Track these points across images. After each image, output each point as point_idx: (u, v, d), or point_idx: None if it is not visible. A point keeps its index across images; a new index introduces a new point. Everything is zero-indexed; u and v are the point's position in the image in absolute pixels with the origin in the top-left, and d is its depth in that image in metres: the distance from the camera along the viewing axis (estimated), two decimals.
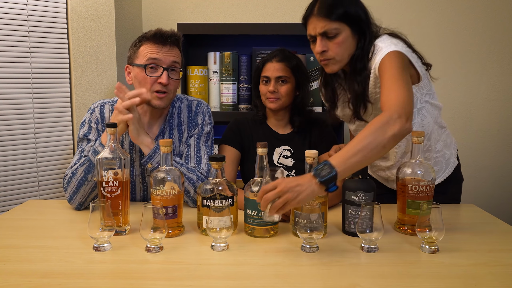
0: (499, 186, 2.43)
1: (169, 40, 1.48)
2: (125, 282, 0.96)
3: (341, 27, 1.34)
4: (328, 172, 1.06)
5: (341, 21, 1.33)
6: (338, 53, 1.36)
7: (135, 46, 1.52)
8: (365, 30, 1.36)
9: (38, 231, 1.27)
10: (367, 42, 1.36)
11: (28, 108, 1.95)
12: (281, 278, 0.99)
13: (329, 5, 1.33)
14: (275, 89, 1.64)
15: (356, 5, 1.37)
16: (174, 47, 1.51)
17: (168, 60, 1.48)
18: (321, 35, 1.35)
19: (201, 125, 1.61)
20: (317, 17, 1.34)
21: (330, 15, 1.32)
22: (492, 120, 2.40)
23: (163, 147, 1.19)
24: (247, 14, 2.36)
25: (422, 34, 2.34)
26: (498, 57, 2.36)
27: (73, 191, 1.41)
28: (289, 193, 1.04)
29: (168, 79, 1.48)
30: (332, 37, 1.34)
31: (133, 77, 1.53)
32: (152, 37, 1.48)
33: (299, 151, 1.70)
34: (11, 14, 1.87)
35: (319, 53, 1.38)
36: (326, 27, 1.33)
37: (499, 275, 1.00)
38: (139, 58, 1.49)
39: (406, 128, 1.14)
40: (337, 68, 1.40)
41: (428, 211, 1.12)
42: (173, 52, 1.50)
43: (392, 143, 1.14)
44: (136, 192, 1.58)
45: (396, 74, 1.24)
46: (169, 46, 1.49)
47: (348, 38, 1.36)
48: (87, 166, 1.39)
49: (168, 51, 1.49)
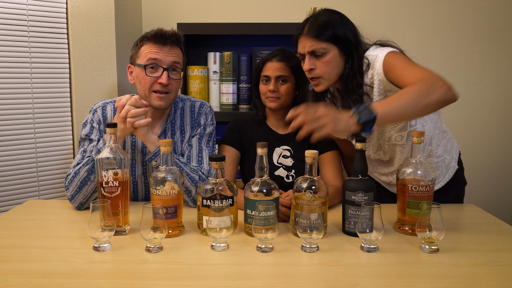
0: (499, 186, 2.43)
1: (169, 40, 1.48)
2: (125, 282, 0.96)
3: (328, 47, 1.38)
4: (367, 114, 1.10)
5: (329, 41, 1.37)
6: (325, 72, 1.39)
7: (136, 46, 1.52)
8: (353, 51, 1.39)
9: (38, 231, 1.27)
10: (355, 62, 1.39)
11: (28, 108, 1.95)
12: (281, 278, 0.99)
13: (318, 26, 1.38)
14: (275, 89, 1.64)
15: (346, 26, 1.40)
16: (174, 47, 1.51)
17: (168, 60, 1.48)
18: (309, 53, 1.40)
19: (204, 126, 1.61)
20: (306, 37, 1.39)
21: (319, 36, 1.37)
22: (492, 120, 2.40)
23: (163, 147, 1.19)
24: (247, 14, 2.36)
25: (422, 34, 2.34)
26: (498, 57, 2.36)
27: (75, 190, 1.41)
28: (328, 117, 1.08)
29: (169, 79, 1.48)
30: (320, 56, 1.39)
31: (134, 77, 1.53)
32: (153, 37, 1.48)
33: (298, 151, 1.70)
34: (11, 14, 1.87)
35: (307, 71, 1.42)
36: (314, 46, 1.38)
37: (499, 275, 1.00)
38: (140, 58, 1.49)
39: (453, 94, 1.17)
40: (325, 87, 1.44)
41: (428, 211, 1.12)
42: (173, 52, 1.50)
43: (435, 106, 1.17)
44: (138, 192, 1.58)
45: (408, 62, 1.28)
46: (169, 46, 1.49)
47: (336, 58, 1.39)
48: (91, 166, 1.39)
49: (169, 51, 1.49)
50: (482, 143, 2.40)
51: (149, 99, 1.50)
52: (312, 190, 1.18)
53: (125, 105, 1.37)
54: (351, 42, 1.39)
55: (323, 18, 1.40)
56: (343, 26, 1.39)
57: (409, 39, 2.34)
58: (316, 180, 1.19)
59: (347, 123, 1.11)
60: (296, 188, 1.20)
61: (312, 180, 1.18)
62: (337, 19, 1.40)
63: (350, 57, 1.40)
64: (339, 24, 1.39)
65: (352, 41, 1.40)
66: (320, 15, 1.42)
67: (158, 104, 1.49)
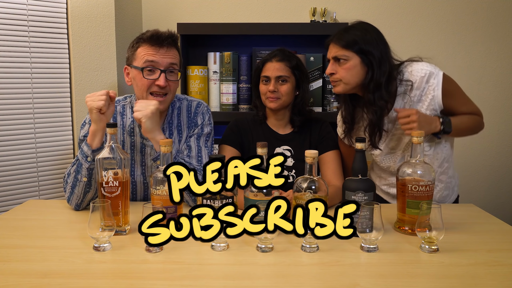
0: (499, 186, 2.43)
1: (166, 42, 1.47)
2: (125, 282, 0.96)
3: (351, 55, 1.46)
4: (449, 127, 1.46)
5: (352, 51, 1.46)
6: (344, 77, 1.47)
7: (132, 48, 1.51)
8: (375, 63, 1.46)
9: (38, 231, 1.27)
10: (377, 75, 1.46)
11: (28, 108, 1.95)
12: (281, 278, 0.99)
13: (346, 35, 1.48)
14: (275, 89, 1.64)
15: (373, 40, 1.47)
16: (171, 48, 1.50)
17: (165, 62, 1.47)
18: (333, 59, 1.50)
19: (201, 125, 1.61)
20: (334, 44, 1.50)
21: (344, 44, 1.46)
22: (492, 120, 2.40)
23: (163, 147, 1.19)
24: (247, 14, 2.36)
25: (422, 34, 2.34)
26: (498, 57, 2.36)
27: (69, 192, 1.42)
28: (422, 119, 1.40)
29: (166, 81, 1.48)
30: (341, 62, 1.47)
31: (131, 78, 1.53)
32: (149, 39, 1.47)
33: (299, 151, 1.70)
34: (11, 14, 1.87)
35: (328, 74, 1.52)
36: (337, 52, 1.48)
37: (499, 275, 1.00)
38: (137, 60, 1.49)
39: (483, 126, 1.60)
40: (342, 90, 1.50)
41: (428, 211, 1.12)
42: (170, 54, 1.49)
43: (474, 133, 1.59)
44: (137, 192, 1.58)
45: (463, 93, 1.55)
46: (166, 47, 1.48)
47: (356, 66, 1.47)
48: (77, 166, 1.39)
49: (165, 52, 1.48)
50: (482, 143, 2.40)
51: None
52: (312, 190, 1.18)
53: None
54: (374, 55, 1.46)
55: (353, 29, 1.49)
56: (369, 40, 1.46)
57: (409, 39, 2.34)
58: (316, 180, 1.19)
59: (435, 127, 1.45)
60: (296, 188, 1.20)
61: (312, 180, 1.18)
62: (365, 32, 1.48)
63: (371, 69, 1.46)
64: (366, 37, 1.46)
65: (376, 54, 1.46)
66: (351, 27, 1.51)
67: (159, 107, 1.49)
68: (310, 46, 2.32)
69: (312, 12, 2.26)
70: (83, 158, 1.36)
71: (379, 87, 1.46)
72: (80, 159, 1.37)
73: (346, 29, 1.51)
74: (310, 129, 1.73)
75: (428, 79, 1.48)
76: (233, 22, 2.33)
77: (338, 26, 2.13)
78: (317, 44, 2.32)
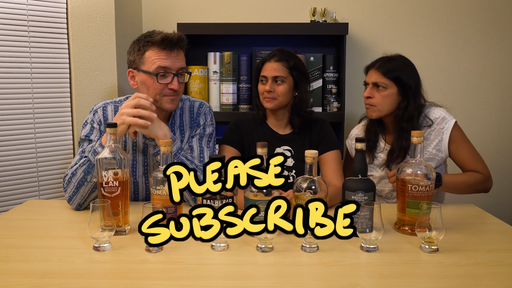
0: (499, 186, 2.43)
1: (177, 46, 1.47)
2: (125, 282, 0.96)
3: (390, 84, 1.61)
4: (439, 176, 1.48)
5: (392, 80, 1.60)
6: (380, 103, 1.61)
7: (139, 51, 1.48)
8: (410, 96, 1.61)
9: (38, 231, 1.27)
10: (411, 106, 1.60)
11: (28, 108, 1.95)
12: (281, 278, 0.99)
13: (388, 65, 1.62)
14: (271, 89, 1.64)
15: (411, 74, 1.63)
16: (180, 50, 1.50)
17: (176, 66, 1.47)
18: (373, 84, 1.63)
19: (203, 126, 1.61)
20: (375, 70, 1.63)
21: (386, 73, 1.61)
22: (492, 120, 2.40)
23: (163, 147, 1.19)
24: (247, 14, 2.36)
25: (422, 34, 2.34)
26: (498, 57, 2.36)
27: (72, 191, 1.41)
28: None
29: (179, 84, 1.48)
30: (380, 89, 1.61)
31: (139, 82, 1.50)
32: (160, 42, 1.44)
33: (299, 151, 1.70)
34: (11, 14, 1.87)
35: (365, 97, 1.65)
36: (378, 79, 1.62)
37: (499, 275, 1.00)
38: (147, 64, 1.46)
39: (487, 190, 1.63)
40: (376, 115, 1.64)
41: (428, 211, 1.12)
42: (180, 57, 1.49)
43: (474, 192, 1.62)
44: (139, 193, 1.58)
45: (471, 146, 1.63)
46: (176, 50, 1.48)
47: (393, 95, 1.61)
48: (87, 166, 1.38)
49: (176, 56, 1.48)
50: (482, 143, 2.40)
51: (159, 103, 1.49)
52: (312, 190, 1.18)
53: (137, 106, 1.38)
54: (411, 88, 1.61)
55: (395, 61, 1.64)
56: (408, 73, 1.62)
57: (409, 39, 2.34)
58: (316, 180, 1.19)
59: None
60: (296, 188, 1.20)
61: (312, 180, 1.18)
62: (405, 66, 1.64)
63: (406, 100, 1.61)
64: (406, 70, 1.62)
65: (412, 88, 1.61)
66: (393, 58, 1.65)
67: (170, 106, 1.49)
68: (310, 46, 2.32)
69: (312, 12, 2.26)
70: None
71: (412, 118, 1.60)
72: (92, 159, 1.37)
73: (388, 59, 1.65)
74: (310, 129, 1.73)
75: (441, 122, 1.62)
76: (233, 22, 2.33)
77: (338, 26, 2.14)
78: (317, 44, 2.33)
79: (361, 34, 2.35)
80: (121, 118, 1.37)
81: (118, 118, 1.38)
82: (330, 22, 2.22)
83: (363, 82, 1.70)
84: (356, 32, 2.34)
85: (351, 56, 2.34)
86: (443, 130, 1.61)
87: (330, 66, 2.19)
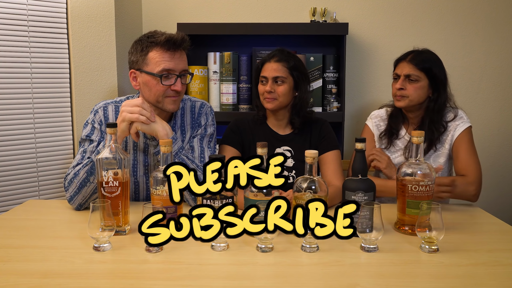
0: (499, 186, 2.43)
1: (181, 47, 1.47)
2: (125, 282, 0.96)
3: (422, 77, 1.65)
4: None
5: (424, 72, 1.65)
6: (412, 94, 1.66)
7: (142, 52, 1.47)
8: (440, 89, 1.67)
9: (38, 231, 1.27)
10: (441, 99, 1.67)
11: (28, 108, 1.94)
12: (281, 278, 0.99)
13: (421, 57, 1.67)
14: (272, 89, 1.64)
15: (441, 68, 1.68)
16: (183, 52, 1.50)
17: (180, 68, 1.47)
18: (405, 76, 1.67)
19: (204, 126, 1.61)
20: (408, 63, 1.67)
21: (418, 65, 1.65)
22: (492, 120, 2.40)
23: (163, 147, 1.19)
24: (247, 14, 2.36)
25: (422, 34, 2.34)
26: (498, 57, 2.36)
27: (74, 191, 1.41)
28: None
29: (182, 86, 1.48)
30: (412, 81, 1.66)
31: (141, 83, 1.50)
32: (164, 43, 1.44)
33: (299, 151, 1.70)
34: (11, 14, 1.87)
35: (398, 89, 1.68)
36: (411, 71, 1.66)
37: (499, 275, 1.00)
38: (150, 65, 1.45)
39: (474, 199, 1.58)
40: (405, 104, 1.68)
41: (428, 211, 1.12)
42: (183, 58, 1.49)
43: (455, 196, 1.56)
44: (140, 193, 1.58)
45: (473, 150, 1.66)
46: (180, 51, 1.48)
47: (424, 88, 1.66)
48: (90, 167, 1.38)
49: (180, 57, 1.48)
50: (482, 143, 2.40)
51: (162, 104, 1.48)
52: (312, 190, 1.18)
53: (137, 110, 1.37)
54: (442, 80, 1.67)
55: (426, 54, 1.69)
56: (439, 67, 1.68)
57: (409, 39, 2.34)
58: (316, 180, 1.19)
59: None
60: (296, 188, 1.20)
61: (312, 180, 1.18)
62: (436, 60, 1.69)
63: (436, 92, 1.67)
64: (437, 64, 1.68)
65: (442, 80, 1.67)
66: (424, 51, 1.70)
67: (172, 107, 1.49)
68: (310, 46, 2.32)
69: (312, 12, 2.25)
70: None
71: (441, 110, 1.67)
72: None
73: (419, 52, 1.69)
74: (311, 129, 1.73)
75: (458, 119, 1.68)
76: (233, 22, 2.33)
77: (338, 26, 2.14)
78: (317, 44, 2.33)
79: (361, 34, 2.35)
80: (121, 115, 1.37)
81: (119, 118, 1.38)
82: (330, 22, 2.22)
83: (393, 75, 1.73)
84: (356, 32, 2.34)
85: (351, 56, 2.34)
86: (456, 127, 1.67)
87: (330, 66, 2.19)
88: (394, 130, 1.75)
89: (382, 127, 1.79)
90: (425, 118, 1.68)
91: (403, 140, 1.74)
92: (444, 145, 1.69)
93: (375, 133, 1.80)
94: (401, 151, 1.74)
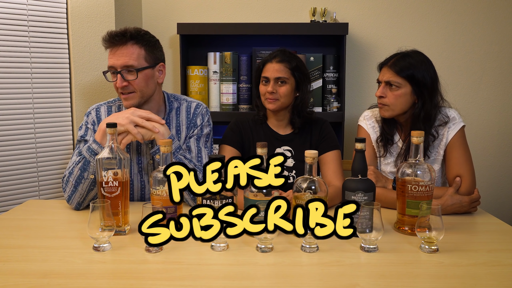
0: (499, 186, 2.43)
1: (117, 41, 1.44)
2: (125, 282, 0.96)
3: (403, 84, 1.54)
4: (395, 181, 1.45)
5: (405, 79, 1.53)
6: (393, 103, 1.55)
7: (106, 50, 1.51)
8: (425, 95, 1.54)
9: (38, 231, 1.27)
10: (427, 106, 1.54)
11: (28, 108, 1.95)
12: (281, 278, 0.99)
13: (401, 63, 1.54)
14: (274, 90, 1.64)
15: (426, 72, 1.54)
16: (126, 46, 1.45)
17: (119, 64, 1.45)
18: (385, 83, 1.57)
19: (201, 126, 1.61)
20: (388, 69, 1.57)
21: (399, 72, 1.54)
22: (492, 120, 2.39)
23: (163, 147, 1.19)
24: (247, 14, 2.36)
25: (422, 34, 2.34)
26: (498, 57, 2.36)
27: (71, 190, 1.42)
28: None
29: (123, 81, 1.45)
30: (393, 88, 1.55)
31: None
32: (106, 40, 1.46)
33: (299, 151, 1.70)
34: (11, 14, 1.87)
35: (377, 97, 1.59)
36: (391, 78, 1.55)
37: (498, 275, 1.00)
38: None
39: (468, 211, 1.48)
40: (389, 115, 1.58)
41: (427, 211, 1.12)
42: (124, 53, 1.44)
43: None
44: (134, 191, 1.58)
45: (467, 155, 1.58)
46: (119, 46, 1.44)
47: (406, 95, 1.54)
48: (83, 164, 1.39)
49: (120, 52, 1.44)
50: (482, 143, 2.40)
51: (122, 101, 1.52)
52: (312, 190, 1.18)
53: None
54: (427, 86, 1.53)
55: (409, 58, 1.55)
56: (424, 71, 1.54)
57: (409, 38, 2.34)
58: (316, 180, 1.19)
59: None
60: (296, 188, 1.20)
61: (312, 180, 1.18)
62: (421, 63, 1.55)
63: (421, 99, 1.54)
64: (421, 67, 1.54)
65: (428, 86, 1.54)
66: (407, 54, 1.57)
67: (126, 104, 1.50)
68: (310, 46, 2.32)
69: (312, 12, 2.25)
70: (91, 156, 1.38)
71: (429, 118, 1.55)
72: (88, 157, 1.38)
73: (402, 55, 1.57)
74: (311, 129, 1.73)
75: (450, 121, 1.58)
76: (233, 22, 2.33)
77: (338, 26, 2.14)
78: (317, 44, 2.33)
79: (361, 34, 2.35)
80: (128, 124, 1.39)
81: (124, 119, 1.39)
82: (330, 22, 2.22)
83: (376, 80, 1.65)
84: (356, 32, 2.34)
85: (351, 56, 2.34)
86: (449, 130, 1.58)
87: (330, 66, 2.19)
88: (389, 136, 1.67)
89: (377, 129, 1.70)
90: (413, 128, 1.56)
91: (396, 147, 1.66)
92: (438, 151, 1.61)
93: (372, 136, 1.70)
94: (395, 157, 1.66)
